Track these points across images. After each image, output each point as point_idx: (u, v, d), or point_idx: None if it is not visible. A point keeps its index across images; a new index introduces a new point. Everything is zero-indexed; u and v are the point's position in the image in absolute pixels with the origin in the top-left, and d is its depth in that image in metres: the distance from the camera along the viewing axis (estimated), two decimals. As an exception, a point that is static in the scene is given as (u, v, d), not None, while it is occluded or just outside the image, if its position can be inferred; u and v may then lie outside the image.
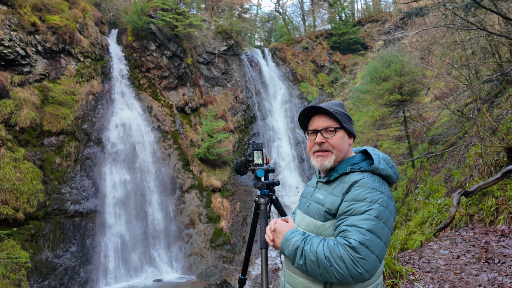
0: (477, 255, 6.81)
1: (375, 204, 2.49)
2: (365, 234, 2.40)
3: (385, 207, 2.52)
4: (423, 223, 9.95)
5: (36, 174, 20.89)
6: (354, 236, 2.40)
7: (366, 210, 2.47)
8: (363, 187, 2.57)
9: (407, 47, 25.80)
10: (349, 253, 2.37)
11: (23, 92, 22.34)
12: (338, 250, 2.41)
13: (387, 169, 2.71)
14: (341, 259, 2.39)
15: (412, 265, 6.81)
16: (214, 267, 24.29)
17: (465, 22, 12.43)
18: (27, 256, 18.47)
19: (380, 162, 2.71)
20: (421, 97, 24.16)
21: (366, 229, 2.41)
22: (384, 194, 2.57)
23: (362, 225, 2.43)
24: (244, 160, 3.58)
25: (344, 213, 2.55)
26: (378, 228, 2.44)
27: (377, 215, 2.46)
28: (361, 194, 2.54)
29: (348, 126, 2.88)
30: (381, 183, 2.64)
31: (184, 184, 28.00)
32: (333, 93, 40.52)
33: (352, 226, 2.46)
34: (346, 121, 2.88)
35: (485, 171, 9.88)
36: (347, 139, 2.89)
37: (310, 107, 2.92)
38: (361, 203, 2.51)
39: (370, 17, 48.95)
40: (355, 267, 2.36)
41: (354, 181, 2.63)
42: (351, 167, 2.74)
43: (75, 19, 26.94)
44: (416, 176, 19.71)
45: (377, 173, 2.68)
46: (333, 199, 2.68)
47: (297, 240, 2.62)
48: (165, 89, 31.45)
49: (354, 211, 2.51)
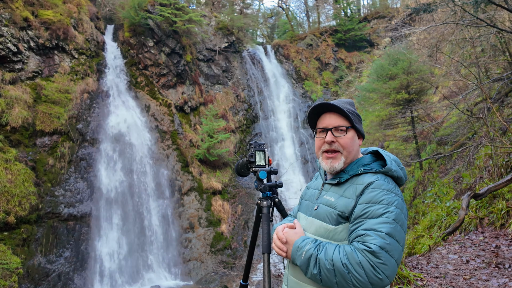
0: (487, 259, 6.83)
1: (391, 207, 2.50)
2: (385, 238, 2.41)
3: (400, 209, 2.53)
4: (431, 226, 9.98)
5: (28, 175, 20.86)
6: (374, 241, 2.41)
7: (383, 213, 2.48)
8: (378, 189, 2.57)
9: (414, 44, 25.77)
10: (369, 259, 2.38)
11: (14, 90, 22.31)
12: (357, 256, 2.41)
13: (398, 170, 2.73)
14: (360, 265, 2.38)
15: (420, 270, 6.84)
16: (214, 272, 24.27)
17: (475, 19, 12.46)
18: (19, 262, 18.37)
19: (392, 163, 2.73)
20: (429, 96, 24.12)
21: (386, 233, 2.42)
22: (398, 196, 2.58)
23: (382, 228, 2.44)
24: (246, 161, 3.59)
25: (359, 217, 2.54)
26: (396, 231, 2.46)
27: (394, 218, 2.47)
28: (377, 196, 2.54)
29: (358, 126, 2.89)
30: (394, 185, 2.66)
31: (183, 186, 27.98)
32: (338, 92, 40.47)
33: (370, 230, 2.46)
34: (357, 121, 2.89)
35: (495, 172, 9.89)
36: (357, 139, 2.90)
37: (321, 103, 2.91)
38: (378, 205, 2.51)
39: (377, 13, 48.83)
40: (375, 273, 2.36)
41: (369, 183, 2.62)
42: (363, 168, 2.73)
43: (69, 14, 26.93)
44: (424, 178, 19.72)
45: (390, 174, 2.69)
46: (345, 201, 2.67)
47: (309, 248, 2.59)
48: (163, 87, 31.44)
49: (371, 214, 2.50)
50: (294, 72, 43.12)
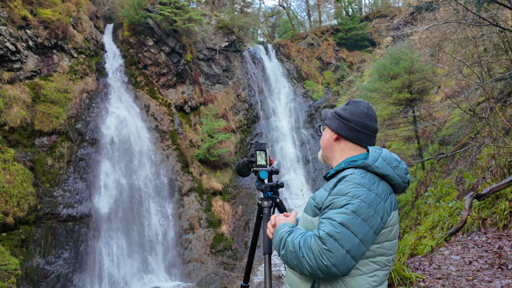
0: (490, 260, 6.83)
1: (355, 199, 2.48)
2: (336, 226, 2.42)
3: (368, 204, 2.49)
4: (433, 227, 9.97)
5: (26, 176, 20.87)
6: (324, 228, 2.44)
7: (344, 204, 2.48)
8: (348, 182, 2.57)
9: (416, 44, 25.79)
10: (317, 244, 2.41)
11: (13, 89, 22.34)
12: (310, 241, 2.45)
13: (385, 168, 2.68)
14: (310, 249, 2.42)
15: (422, 271, 6.84)
16: (214, 274, 24.22)
17: (477, 18, 12.47)
18: (17, 263, 18.34)
19: (378, 159, 2.70)
20: (431, 95, 24.15)
21: (339, 222, 2.42)
22: (371, 192, 2.54)
23: (336, 218, 2.45)
24: (247, 161, 3.59)
25: (326, 207, 2.58)
26: (353, 223, 2.43)
27: (354, 209, 2.45)
28: (345, 188, 2.55)
29: (329, 122, 2.97)
30: (373, 181, 2.62)
31: (183, 186, 27.99)
32: (339, 92, 40.45)
33: (326, 218, 2.50)
34: (331, 118, 2.97)
35: (498, 173, 9.88)
36: (330, 135, 2.97)
37: None
38: (343, 197, 2.51)
39: (378, 12, 48.90)
40: (321, 258, 2.37)
41: (342, 176, 2.65)
42: (347, 164, 2.76)
43: (68, 13, 26.96)
44: (426, 178, 19.71)
45: (370, 170, 2.67)
46: (322, 194, 2.72)
47: (283, 231, 2.69)
48: (163, 87, 31.46)
49: (334, 205, 2.53)
50: (295, 71, 43.14)
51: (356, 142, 2.88)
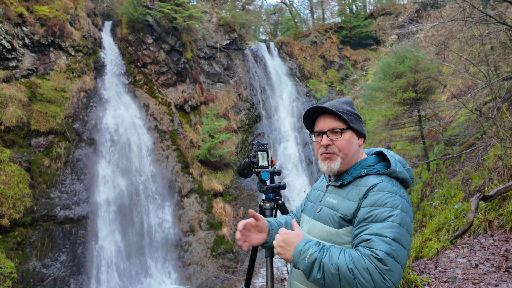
0: (496, 263, 6.84)
1: (396, 210, 2.48)
2: (391, 244, 2.40)
3: (406, 212, 2.52)
4: (439, 229, 9.99)
5: (22, 177, 20.84)
6: (380, 247, 2.39)
7: (388, 217, 2.47)
8: (382, 191, 2.56)
9: (422, 42, 25.79)
10: (376, 265, 2.36)
11: (8, 88, 22.30)
12: (364, 262, 2.38)
13: (404, 172, 2.71)
14: (367, 271, 2.36)
15: (427, 274, 6.85)
16: (215, 277, 24.22)
17: (484, 15, 12.47)
18: (13, 266, 18.32)
19: (397, 164, 2.72)
20: (437, 95, 24.15)
21: (392, 238, 2.41)
22: (403, 199, 2.57)
23: (387, 234, 2.42)
24: (248, 162, 3.60)
25: (363, 220, 2.54)
26: (402, 236, 2.45)
27: (400, 221, 2.46)
28: (382, 199, 2.53)
29: (356, 126, 2.87)
30: (399, 187, 2.65)
31: (183, 188, 27.96)
32: (343, 91, 40.47)
33: (375, 235, 2.44)
34: (354, 121, 2.87)
35: (505, 174, 9.89)
36: (356, 140, 2.89)
37: (315, 107, 2.92)
38: (382, 208, 2.50)
39: (383, 10, 48.89)
40: (382, 280, 2.35)
41: (372, 185, 2.61)
42: (367, 170, 2.73)
43: (65, 10, 26.92)
44: (432, 179, 19.72)
45: (394, 176, 2.68)
46: (348, 204, 2.67)
47: (313, 252, 2.54)
48: (162, 86, 31.45)
49: (375, 218, 2.49)
50: (297, 70, 43.14)
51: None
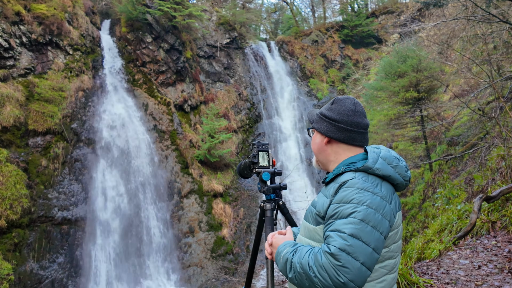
0: (499, 265, 6.84)
1: (361, 206, 2.44)
2: (347, 239, 2.36)
3: (375, 209, 2.45)
4: (441, 230, 9.98)
5: (20, 177, 20.82)
6: (335, 242, 2.37)
7: (351, 213, 2.43)
8: (351, 188, 2.53)
9: (424, 41, 25.78)
10: (330, 261, 2.34)
11: (6, 87, 22.29)
12: (321, 259, 2.38)
13: (385, 168, 2.65)
14: (323, 268, 2.35)
15: (430, 276, 6.86)
16: (215, 279, 24.22)
17: (487, 14, 12.48)
18: (10, 268, 18.33)
19: (378, 160, 2.67)
20: (439, 94, 24.14)
21: (349, 234, 2.37)
22: (376, 195, 2.51)
23: (345, 229, 2.39)
24: (249, 162, 3.60)
25: (331, 217, 2.53)
26: (363, 232, 2.38)
27: (362, 217, 2.40)
28: (349, 195, 2.50)
29: (316, 125, 2.93)
30: (376, 184, 2.59)
31: (182, 188, 27.95)
32: (344, 90, 40.42)
33: (334, 231, 2.43)
34: (318, 120, 2.93)
35: (508, 174, 9.90)
36: (320, 139, 2.93)
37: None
38: (348, 205, 2.46)
39: (385, 8, 48.83)
40: (337, 276, 2.31)
41: (343, 182, 2.59)
42: (346, 167, 2.71)
43: (63, 8, 26.90)
44: (434, 180, 19.73)
45: (371, 172, 2.63)
46: (323, 200, 2.68)
47: (286, 252, 2.61)
48: (162, 85, 31.45)
49: (340, 214, 2.47)
50: (298, 69, 43.13)
51: (349, 142, 2.85)
